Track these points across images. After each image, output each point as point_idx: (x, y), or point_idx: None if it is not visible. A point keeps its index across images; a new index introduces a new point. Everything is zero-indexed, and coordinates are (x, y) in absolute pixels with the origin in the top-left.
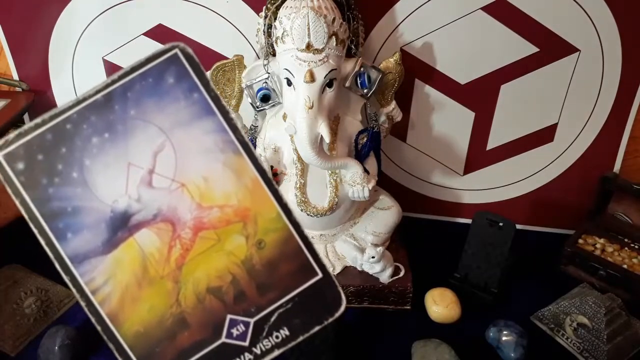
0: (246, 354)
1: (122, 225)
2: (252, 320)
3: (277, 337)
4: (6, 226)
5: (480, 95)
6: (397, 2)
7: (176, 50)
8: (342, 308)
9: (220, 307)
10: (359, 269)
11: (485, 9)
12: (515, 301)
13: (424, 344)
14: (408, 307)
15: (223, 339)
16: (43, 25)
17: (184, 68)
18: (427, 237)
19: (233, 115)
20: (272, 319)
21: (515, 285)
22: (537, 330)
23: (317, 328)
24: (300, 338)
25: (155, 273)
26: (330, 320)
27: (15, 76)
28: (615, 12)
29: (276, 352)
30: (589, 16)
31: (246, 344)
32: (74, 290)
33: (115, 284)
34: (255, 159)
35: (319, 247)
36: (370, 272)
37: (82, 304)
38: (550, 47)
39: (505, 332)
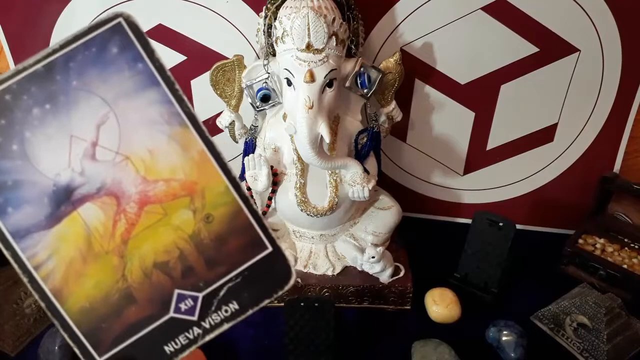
0: (195, 329)
1: (65, 199)
2: (200, 295)
3: (226, 310)
4: None
5: (480, 95)
6: (397, 2)
7: (120, 19)
8: (292, 281)
9: (168, 282)
10: (359, 269)
11: (485, 9)
12: (515, 301)
13: (424, 343)
14: (408, 307)
15: (171, 314)
16: (43, 25)
17: (127, 37)
18: (427, 237)
19: (178, 86)
20: (221, 293)
21: (515, 285)
22: (537, 330)
23: (266, 301)
24: (250, 312)
25: (100, 248)
26: (280, 293)
27: None
28: (615, 12)
29: (225, 326)
30: (589, 16)
31: (195, 318)
32: (15, 266)
33: (59, 259)
34: (202, 132)
35: (319, 247)
36: (370, 272)
37: (25, 280)
38: (550, 47)
39: (505, 332)
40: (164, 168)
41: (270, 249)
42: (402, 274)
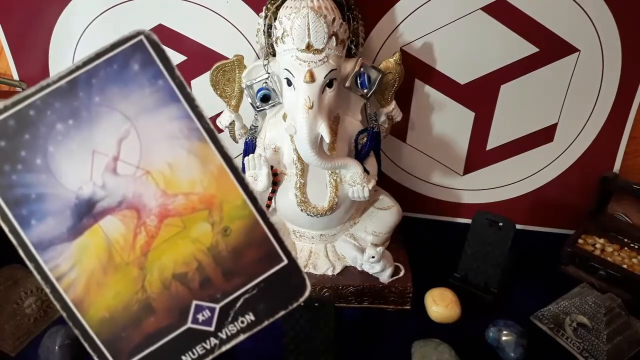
0: (212, 339)
1: (87, 212)
2: (217, 306)
3: (242, 322)
4: None
5: (480, 95)
6: (397, 2)
7: (141, 37)
8: (307, 293)
9: (186, 293)
10: (359, 269)
11: (485, 9)
12: (515, 301)
13: (424, 343)
14: (408, 307)
15: (189, 325)
16: (43, 25)
17: (149, 55)
18: (427, 237)
19: (198, 102)
20: (238, 304)
21: (515, 285)
22: (537, 330)
23: (282, 313)
24: (266, 323)
25: (121, 260)
26: (295, 305)
27: (16, 76)
28: (615, 12)
29: (242, 337)
30: (588, 16)
31: (212, 329)
32: (38, 277)
33: (80, 270)
34: (220, 147)
35: (319, 247)
36: (370, 272)
37: (47, 290)
38: (550, 47)
39: (505, 332)
40: (184, 182)
41: (285, 261)
42: (402, 274)
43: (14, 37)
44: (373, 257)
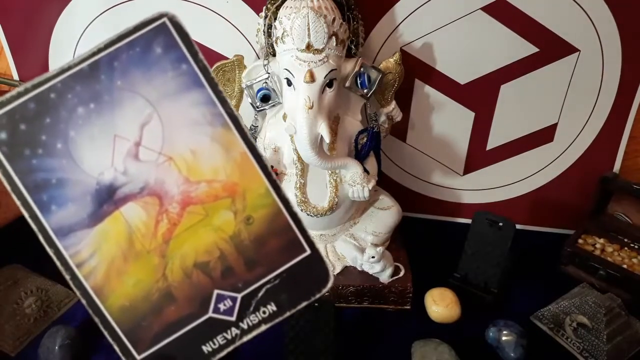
0: (233, 329)
1: (107, 198)
2: (239, 296)
3: (264, 312)
4: (6, 226)
5: (480, 95)
6: (397, 2)
7: (164, 19)
8: (330, 284)
9: (208, 282)
10: (359, 269)
11: (485, 9)
12: (515, 301)
13: (424, 343)
14: (408, 307)
15: (210, 314)
16: (43, 26)
17: (172, 38)
18: (427, 237)
19: (221, 87)
20: (260, 294)
21: (515, 285)
22: (537, 330)
23: (304, 304)
24: (287, 313)
25: (142, 247)
26: (318, 296)
27: (16, 76)
28: (615, 12)
29: (263, 327)
30: (588, 16)
31: (233, 318)
32: (58, 263)
33: (100, 257)
34: (244, 134)
35: (319, 247)
36: (370, 272)
37: (67, 277)
38: (550, 47)
39: (505, 332)
40: (206, 169)
41: (308, 251)
42: (402, 274)
43: (14, 37)
44: (373, 257)
